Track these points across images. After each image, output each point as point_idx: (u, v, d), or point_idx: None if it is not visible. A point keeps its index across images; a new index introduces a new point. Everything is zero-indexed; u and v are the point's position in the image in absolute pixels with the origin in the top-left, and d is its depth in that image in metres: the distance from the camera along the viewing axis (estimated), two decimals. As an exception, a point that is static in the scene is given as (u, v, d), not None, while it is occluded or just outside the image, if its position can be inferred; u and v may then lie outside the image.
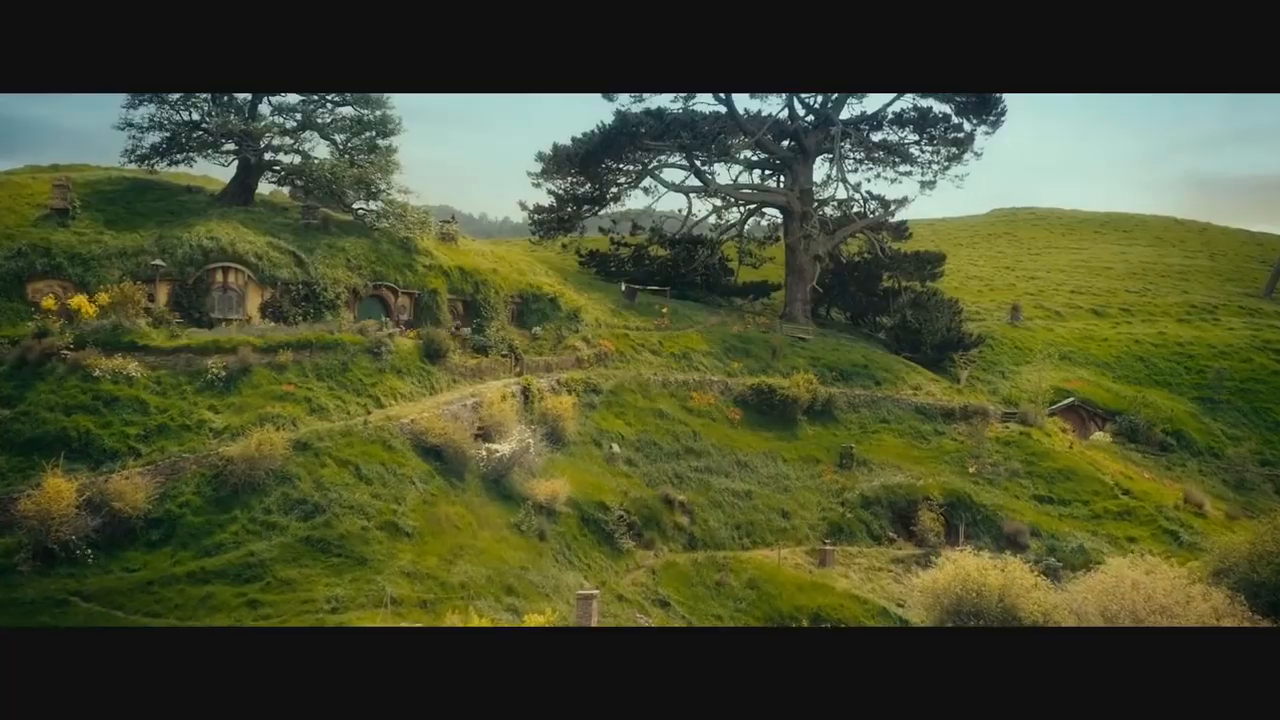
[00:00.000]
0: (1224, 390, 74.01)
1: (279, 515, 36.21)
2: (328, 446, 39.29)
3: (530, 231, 77.99)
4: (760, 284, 78.18)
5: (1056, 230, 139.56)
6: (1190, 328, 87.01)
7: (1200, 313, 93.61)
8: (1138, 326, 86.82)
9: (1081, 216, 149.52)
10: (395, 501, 38.06)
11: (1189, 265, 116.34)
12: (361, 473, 38.73)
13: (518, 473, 43.06)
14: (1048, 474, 53.88)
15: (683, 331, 62.97)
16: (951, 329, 72.27)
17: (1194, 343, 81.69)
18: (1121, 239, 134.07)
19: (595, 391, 52.51)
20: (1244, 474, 63.51)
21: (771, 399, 55.93)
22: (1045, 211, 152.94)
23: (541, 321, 58.23)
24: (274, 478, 37.28)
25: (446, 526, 38.36)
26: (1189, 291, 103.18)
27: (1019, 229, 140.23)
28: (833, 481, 51.59)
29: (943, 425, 58.27)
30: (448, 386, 48.18)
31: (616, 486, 46.19)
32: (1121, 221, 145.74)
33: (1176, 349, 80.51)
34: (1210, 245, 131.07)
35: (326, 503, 36.93)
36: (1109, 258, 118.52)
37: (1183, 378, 76.75)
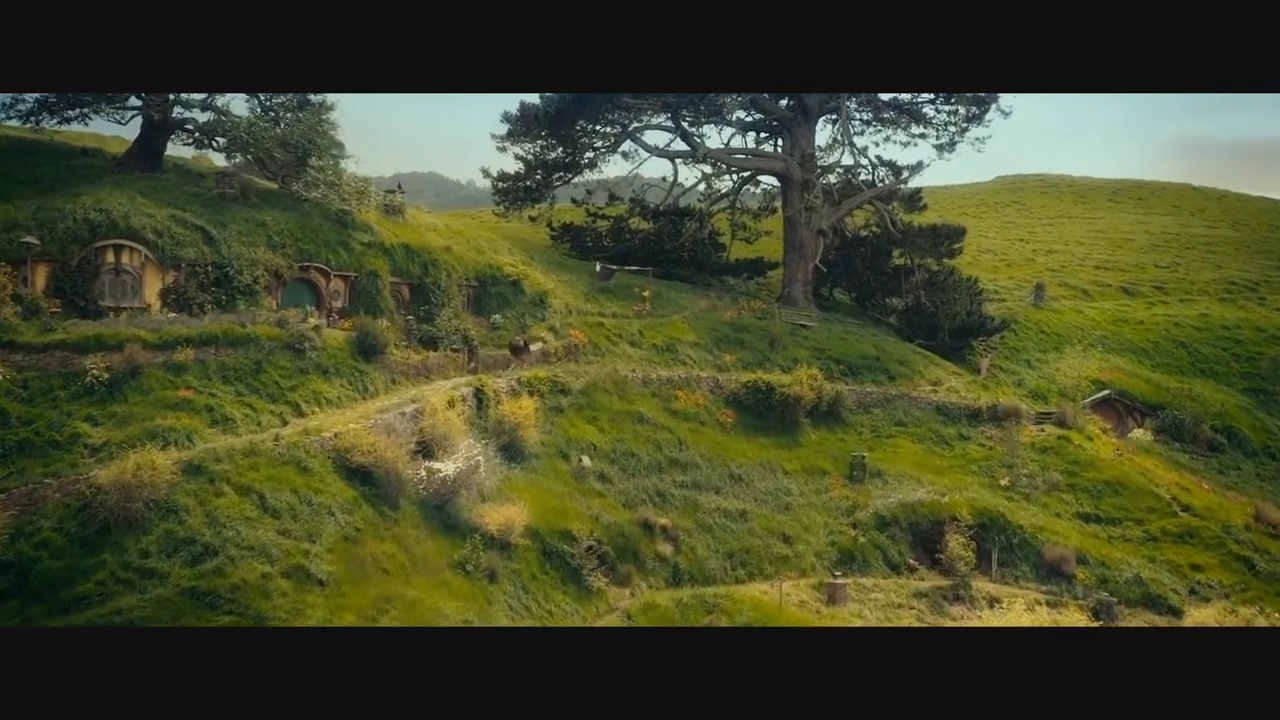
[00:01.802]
0: (1279, 380, 68.29)
1: (158, 559, 30.05)
2: (226, 470, 33.11)
3: (494, 203, 71.57)
4: (755, 261, 72.77)
5: (1068, 198, 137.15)
6: (1234, 308, 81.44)
7: (1242, 291, 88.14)
8: (1175, 307, 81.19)
9: (1093, 184, 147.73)
10: (308, 539, 31.97)
11: (1213, 235, 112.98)
12: (267, 503, 32.60)
13: (465, 497, 37.10)
14: (1093, 487, 48.03)
15: (667, 319, 56.91)
16: (971, 312, 66.63)
17: (1240, 325, 76.09)
18: (1137, 207, 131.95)
19: (563, 392, 46.51)
20: (1309, 479, 57.78)
21: (769, 399, 50.03)
22: (1055, 179, 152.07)
23: (502, 308, 52.22)
24: (156, 511, 31.10)
25: (372, 571, 32.29)
26: (1222, 266, 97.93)
27: (1028, 197, 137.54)
28: (842, 498, 45.73)
29: (968, 428, 52.40)
30: (385, 389, 42.18)
31: (586, 509, 40.24)
32: (1135, 189, 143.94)
33: (1222, 333, 74.92)
34: (1231, 214, 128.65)
35: (220, 543, 30.78)
36: (1128, 228, 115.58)
37: (1230, 366, 71.13)
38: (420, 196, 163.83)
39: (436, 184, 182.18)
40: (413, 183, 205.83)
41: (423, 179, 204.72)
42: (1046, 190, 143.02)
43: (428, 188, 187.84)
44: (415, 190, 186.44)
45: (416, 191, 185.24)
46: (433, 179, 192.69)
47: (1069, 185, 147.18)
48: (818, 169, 70.74)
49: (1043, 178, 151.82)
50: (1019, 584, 42.36)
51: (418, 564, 33.68)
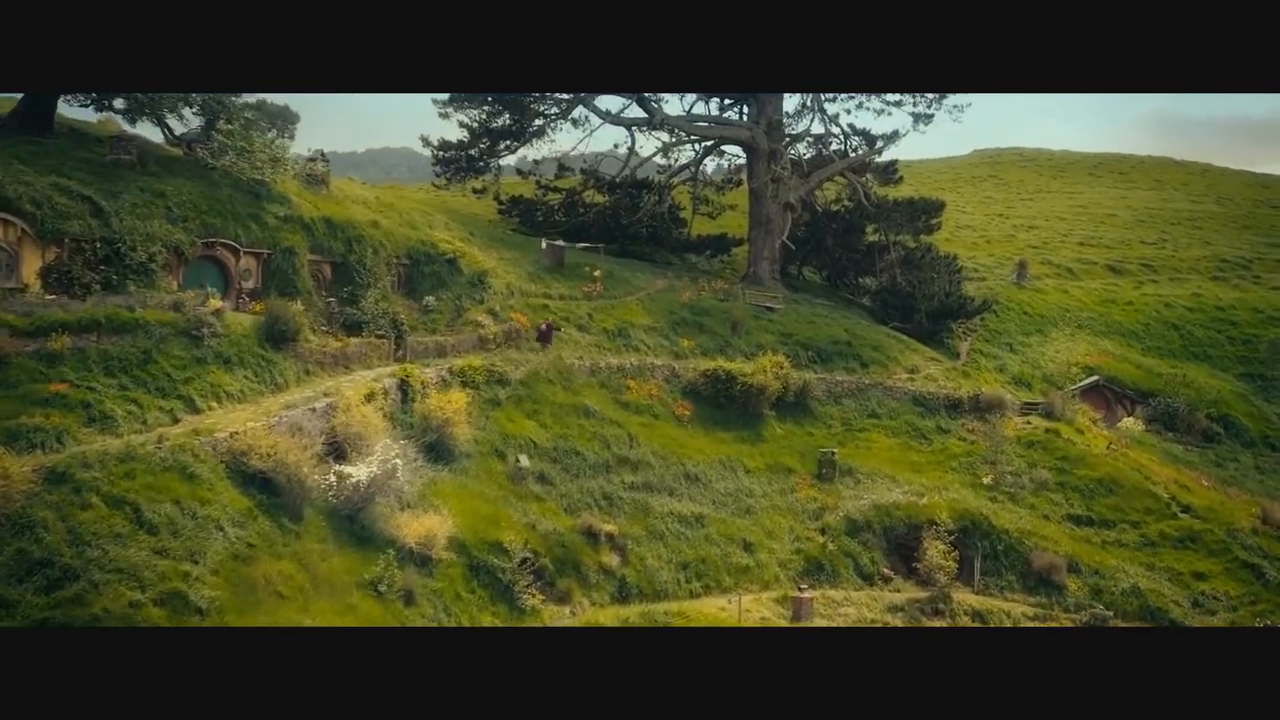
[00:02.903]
0: (1278, 365, 65.44)
1: (8, 586, 26.17)
2: (96, 477, 29.18)
3: (434, 174, 67.59)
4: (719, 238, 69.44)
5: (1046, 172, 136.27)
6: (1228, 287, 78.72)
7: (1234, 269, 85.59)
8: (1165, 286, 78.48)
9: (1072, 157, 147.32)
10: (189, 559, 28.17)
11: (1198, 211, 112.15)
12: (142, 517, 28.74)
13: (381, 505, 33.43)
14: (1085, 485, 44.83)
15: (620, 300, 53.29)
16: (950, 293, 63.53)
17: (1235, 306, 73.41)
18: (1119, 181, 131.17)
19: (501, 383, 42.85)
20: (1313, 472, 54.92)
21: (730, 389, 46.58)
22: (1033, 152, 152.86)
23: (436, 289, 48.37)
24: (7, 527, 27.21)
25: (264, 595, 28.58)
26: (1211, 243, 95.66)
27: (1005, 171, 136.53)
28: (809, 499, 42.37)
29: (948, 420, 49.16)
30: (296, 381, 38.37)
31: (522, 516, 36.64)
32: (1116, 163, 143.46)
33: (1216, 314, 72.25)
34: (1215, 188, 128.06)
35: (82, 565, 26.92)
36: (1110, 203, 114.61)
37: (1225, 349, 68.48)
38: (395, 172, 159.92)
39: (410, 159, 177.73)
40: (386, 158, 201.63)
41: (395, 154, 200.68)
42: (1025, 164, 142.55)
43: (401, 163, 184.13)
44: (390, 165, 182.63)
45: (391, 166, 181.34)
46: (406, 154, 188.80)
47: (1048, 159, 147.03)
48: (786, 138, 67.78)
49: (1020, 151, 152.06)
50: (1004, 595, 39.26)
51: (320, 585, 29.99)
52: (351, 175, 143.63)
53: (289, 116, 50.35)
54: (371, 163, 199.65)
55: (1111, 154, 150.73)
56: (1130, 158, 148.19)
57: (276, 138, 49.88)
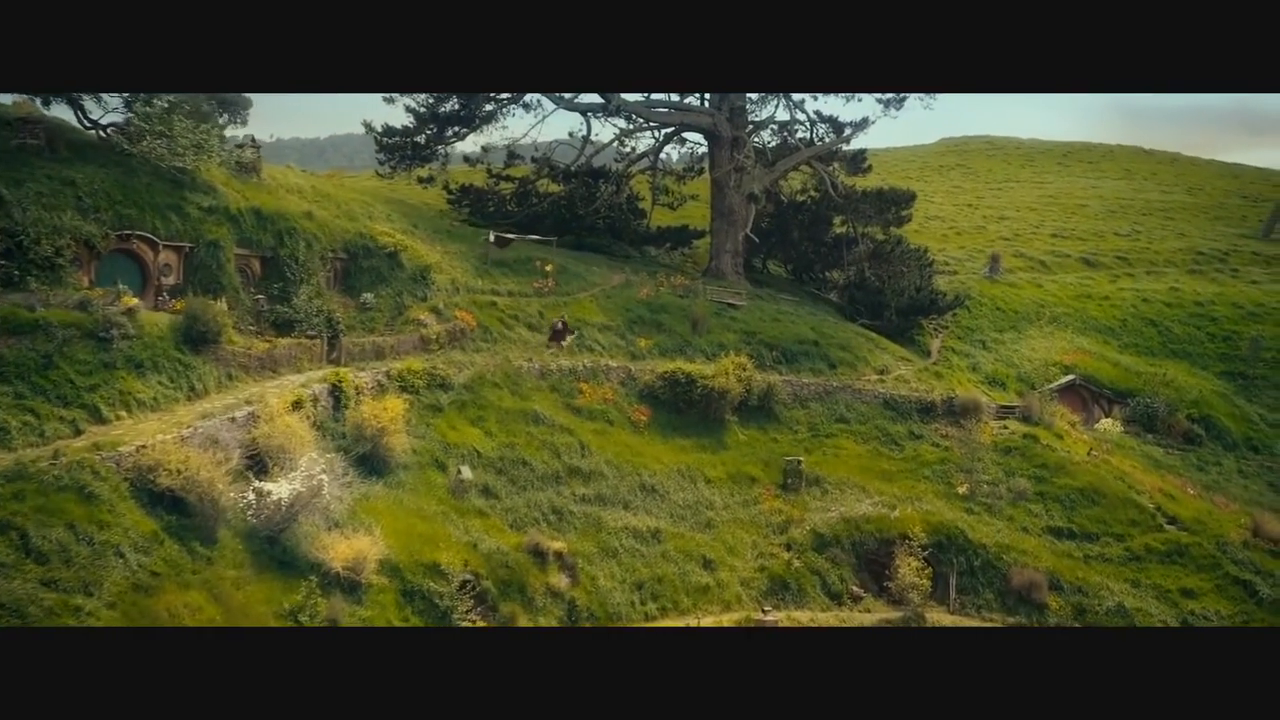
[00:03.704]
0: (1260, 364, 63.86)
1: (-128, 626, 23.57)
2: (-20, 500, 26.57)
3: (378, 162, 64.87)
4: (679, 229, 67.30)
5: (1015, 161, 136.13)
6: (1206, 281, 77.23)
7: (1211, 262, 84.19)
8: (1142, 281, 76.89)
9: (1041, 146, 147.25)
10: (82, 591, 25.62)
11: (1170, 201, 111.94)
12: (30, 543, 26.13)
13: (306, 525, 30.98)
14: (1065, 495, 42.87)
15: (573, 297, 50.91)
16: (921, 288, 61.63)
17: (1215, 301, 71.81)
18: (1088, 171, 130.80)
19: (443, 387, 40.46)
20: (1299, 477, 53.31)
21: (690, 392, 44.34)
22: (1001, 141, 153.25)
23: (376, 285, 45.81)
24: (-125, 559, 24.63)
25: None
26: (1185, 234, 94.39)
27: (973, 160, 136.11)
28: (774, 511, 40.23)
29: (920, 425, 47.09)
30: (217, 387, 35.79)
31: (463, 534, 34.27)
32: (1085, 152, 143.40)
33: (1195, 309, 70.64)
34: (1185, 178, 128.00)
35: (-41, 600, 24.32)
36: (1080, 193, 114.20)
37: (1205, 346, 66.84)
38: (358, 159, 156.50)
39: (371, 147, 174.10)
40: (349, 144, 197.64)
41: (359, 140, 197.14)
42: (993, 153, 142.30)
43: (365, 149, 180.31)
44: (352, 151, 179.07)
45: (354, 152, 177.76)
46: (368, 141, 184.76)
47: (1016, 148, 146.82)
48: (749, 125, 65.43)
49: (988, 139, 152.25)
50: (981, 615, 37.22)
51: (234, 617, 27.47)
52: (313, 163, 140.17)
53: (240, 102, 47.52)
54: (335, 149, 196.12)
55: (1080, 143, 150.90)
56: (1099, 147, 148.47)
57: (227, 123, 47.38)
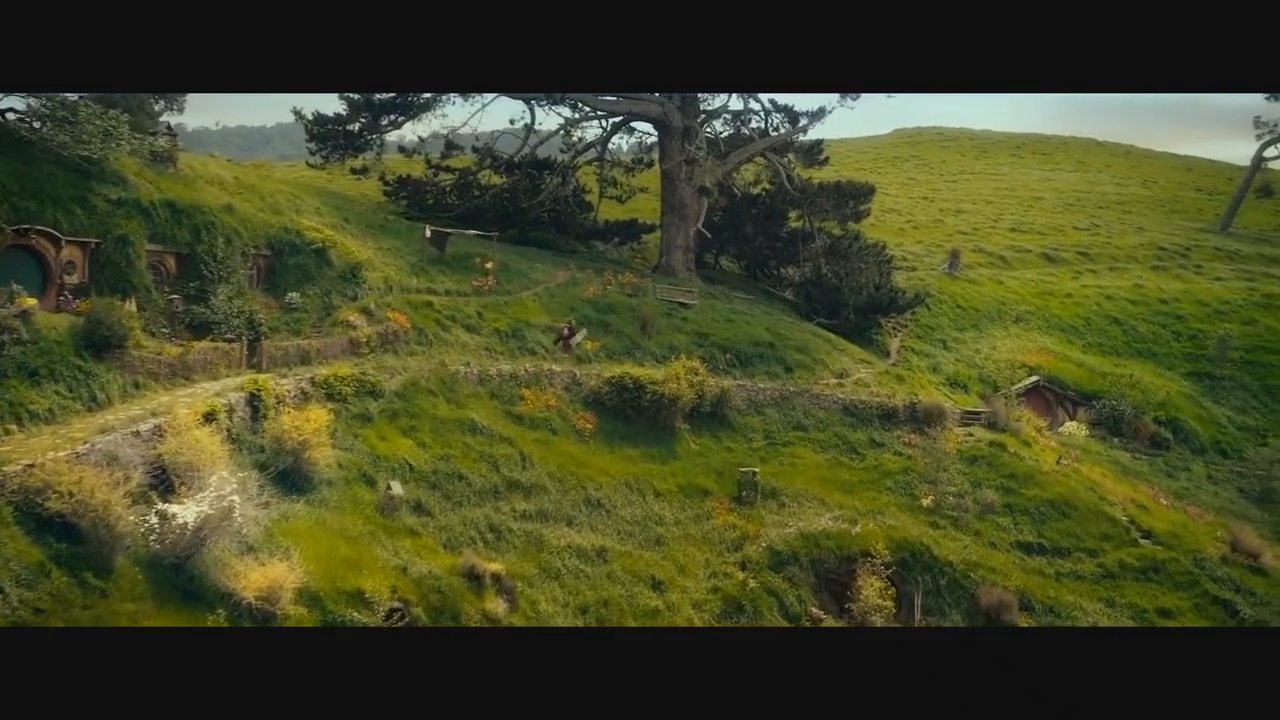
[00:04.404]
0: (1228, 364, 62.79)
1: None
2: None
3: (309, 151, 62.30)
4: (628, 224, 65.49)
5: (969, 153, 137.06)
6: (1170, 278, 76.33)
7: (1173, 257, 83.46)
8: (1105, 277, 75.94)
9: (994, 137, 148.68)
10: (-46, 634, 23.00)
11: (1125, 194, 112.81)
12: (-104, 579, 23.58)
13: (216, 550, 28.40)
14: (1035, 508, 41.18)
15: (515, 296, 48.70)
16: (880, 285, 59.99)
17: (1179, 299, 70.87)
18: (1042, 163, 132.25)
19: (373, 394, 38.04)
20: (1271, 482, 52.04)
21: (639, 398, 42.25)
22: (954, 132, 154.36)
23: (302, 284, 43.29)
24: None
25: (52, 676, 23.45)
26: (1145, 229, 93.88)
27: (926, 151, 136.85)
28: (728, 526, 38.19)
29: (881, 432, 45.27)
30: (122, 397, 33.17)
31: (392, 557, 31.91)
32: (1039, 144, 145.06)
33: (1159, 307, 69.68)
34: (1139, 171, 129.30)
35: None
36: (1036, 185, 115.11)
37: (1171, 346, 65.79)
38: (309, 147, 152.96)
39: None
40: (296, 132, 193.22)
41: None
42: (946, 144, 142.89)
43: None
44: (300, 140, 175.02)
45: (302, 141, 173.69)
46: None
47: (969, 139, 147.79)
48: (701, 114, 63.81)
49: (941, 131, 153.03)
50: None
51: (130, 658, 24.98)
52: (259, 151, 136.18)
53: None
54: (282, 137, 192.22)
55: (1033, 134, 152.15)
56: (1053, 138, 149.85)
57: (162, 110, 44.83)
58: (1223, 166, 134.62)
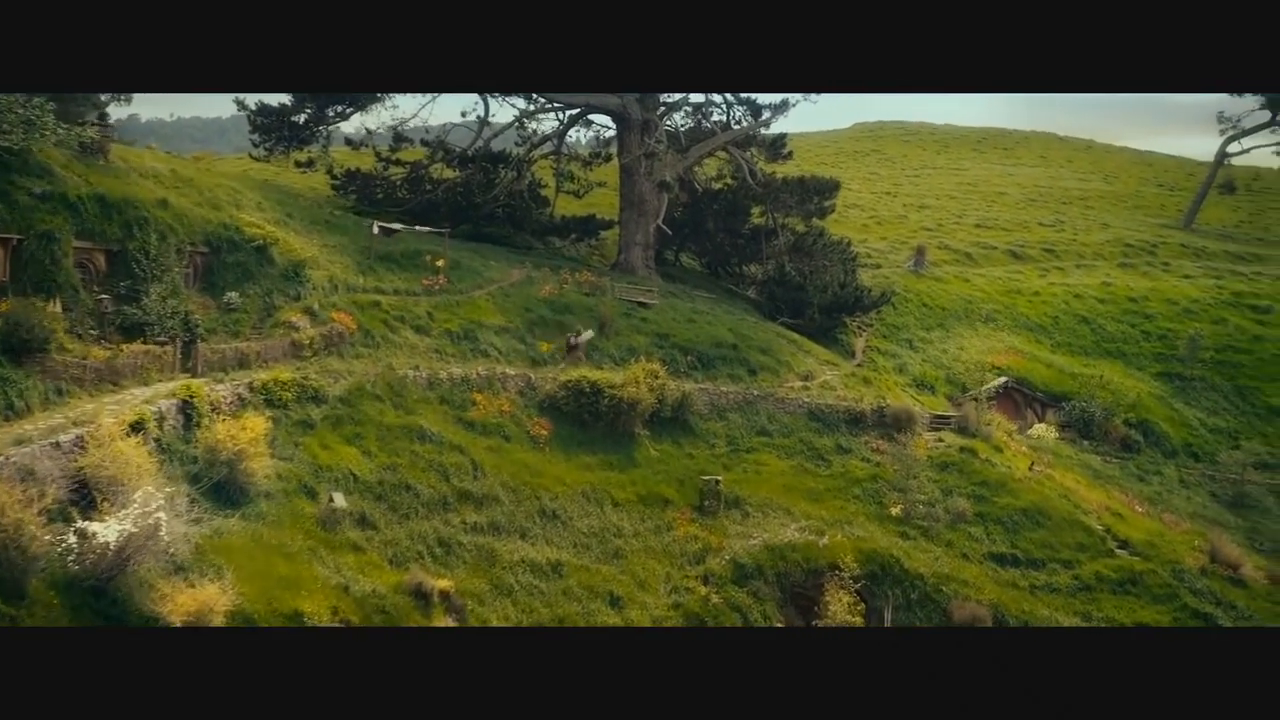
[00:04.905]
0: (1198, 364, 62.07)
1: None
2: None
3: (252, 143, 60.29)
4: (585, 219, 64.13)
5: (930, 147, 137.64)
6: (1138, 275, 75.73)
7: (1140, 254, 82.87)
8: (1072, 275, 75.22)
9: (955, 132, 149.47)
10: None
11: (1087, 189, 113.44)
12: None
13: (141, 571, 26.70)
14: (1007, 517, 40.07)
15: (467, 296, 47.11)
16: (845, 284, 58.83)
17: (1149, 297, 70.21)
18: (1004, 158, 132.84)
19: (315, 400, 36.41)
20: (1244, 487, 51.24)
21: (596, 403, 40.91)
22: (915, 126, 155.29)
23: (241, 283, 41.46)
24: None
25: (-46, 715, 21.69)
26: (1109, 225, 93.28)
27: (887, 146, 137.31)
28: (689, 538, 36.81)
29: (849, 437, 44.03)
30: (42, 405, 31.35)
31: (333, 575, 30.32)
32: (999, 138, 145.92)
33: (1128, 305, 68.99)
34: (1100, 166, 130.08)
35: None
36: (998, 180, 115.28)
37: (1140, 346, 65.05)
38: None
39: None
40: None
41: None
42: (908, 138, 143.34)
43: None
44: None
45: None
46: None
47: (930, 133, 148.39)
48: (660, 107, 62.46)
49: (902, 125, 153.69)
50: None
51: (42, 691, 23.21)
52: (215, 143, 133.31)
53: None
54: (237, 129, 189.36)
55: (994, 129, 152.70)
56: (1014, 133, 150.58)
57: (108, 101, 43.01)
58: (1182, 162, 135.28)
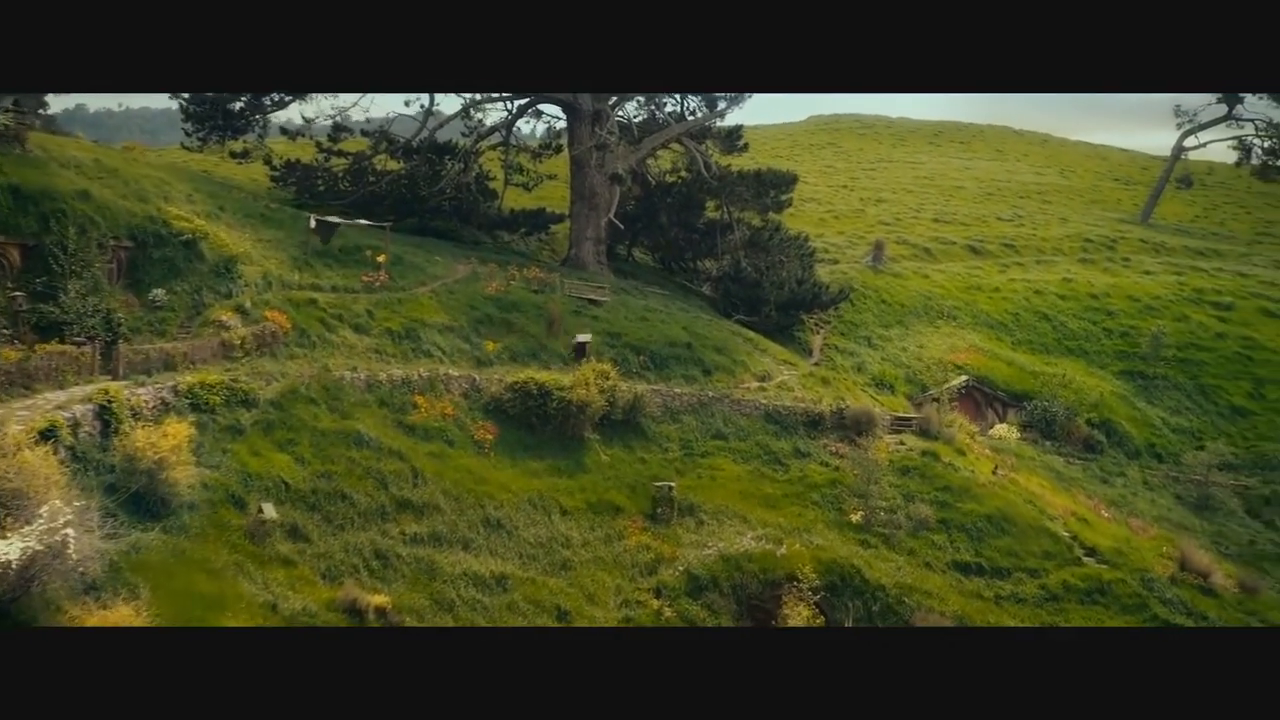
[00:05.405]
0: (1161, 362, 61.40)
1: None
2: None
3: (184, 133, 58.21)
4: (535, 213, 62.62)
5: (886, 140, 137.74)
6: (1098, 271, 75.14)
7: (1100, 250, 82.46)
8: (1033, 270, 74.46)
9: (911, 125, 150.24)
10: None
11: (1044, 183, 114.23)
12: None
13: (50, 591, 24.99)
14: (972, 524, 38.92)
15: (410, 293, 45.43)
16: (803, 280, 57.62)
17: (1110, 293, 69.59)
18: (960, 151, 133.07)
19: (245, 404, 34.61)
20: (1207, 488, 50.50)
21: (545, 406, 39.37)
22: (871, 119, 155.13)
23: (170, 279, 39.63)
24: None
25: None
26: (1068, 219, 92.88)
27: (844, 139, 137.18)
28: (641, 548, 35.46)
29: (807, 440, 42.79)
30: (-56, 410, 29.33)
31: (260, 592, 28.72)
32: (956, 131, 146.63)
33: (1090, 302, 68.38)
34: (1056, 160, 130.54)
35: None
36: (955, 174, 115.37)
37: (1102, 343, 64.37)
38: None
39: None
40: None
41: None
42: (863, 131, 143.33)
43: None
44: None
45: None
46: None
47: (886, 126, 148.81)
48: (612, 97, 60.94)
49: (858, 118, 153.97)
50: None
51: (-66, 728, 21.46)
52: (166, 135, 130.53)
53: None
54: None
55: (950, 122, 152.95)
56: (969, 126, 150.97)
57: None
58: (1137, 156, 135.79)
